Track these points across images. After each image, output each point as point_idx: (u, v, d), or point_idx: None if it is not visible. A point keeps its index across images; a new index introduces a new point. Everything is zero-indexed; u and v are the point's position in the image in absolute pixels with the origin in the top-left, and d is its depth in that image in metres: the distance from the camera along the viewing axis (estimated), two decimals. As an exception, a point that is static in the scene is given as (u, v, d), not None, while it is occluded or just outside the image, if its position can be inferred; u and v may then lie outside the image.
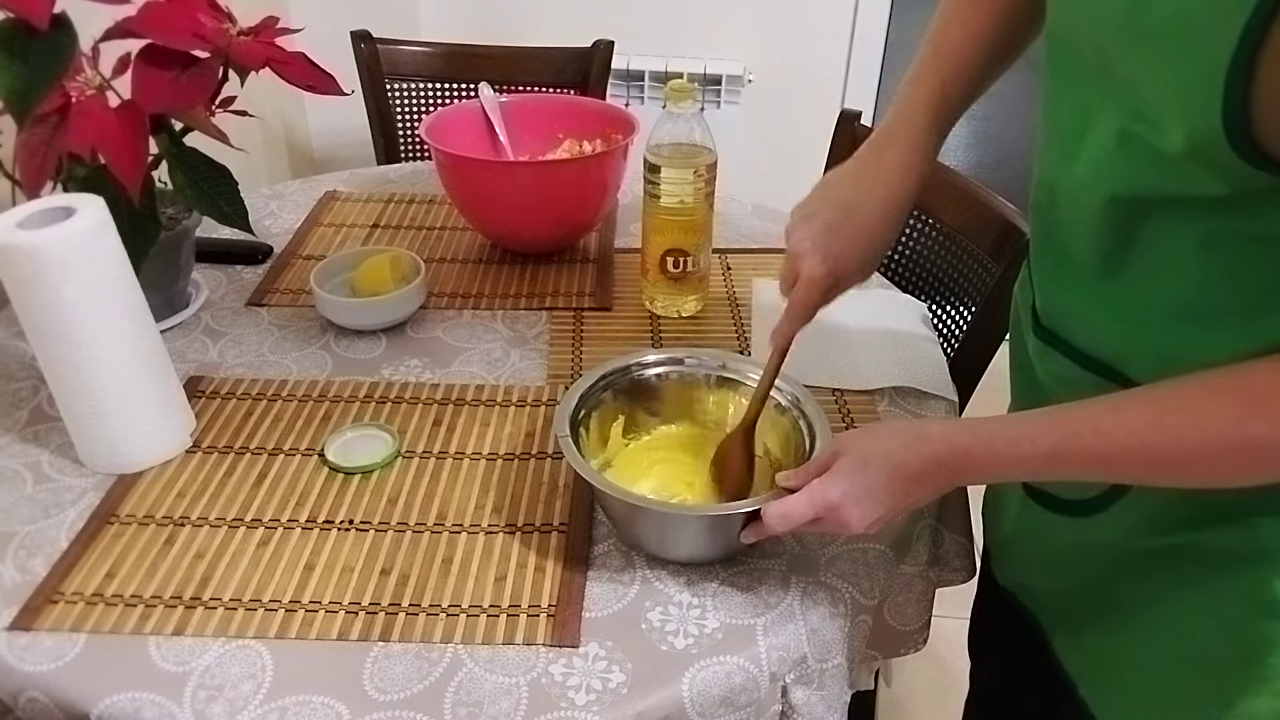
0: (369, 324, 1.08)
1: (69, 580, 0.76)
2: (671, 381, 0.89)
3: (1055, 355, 0.74)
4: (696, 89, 1.01)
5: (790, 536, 0.80)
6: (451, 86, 1.76)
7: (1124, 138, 0.60)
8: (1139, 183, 0.60)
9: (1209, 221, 0.59)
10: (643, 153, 1.04)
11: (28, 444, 0.90)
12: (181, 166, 0.97)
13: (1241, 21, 0.48)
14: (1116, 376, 0.68)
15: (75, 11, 0.86)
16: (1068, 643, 0.83)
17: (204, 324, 1.09)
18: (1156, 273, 0.63)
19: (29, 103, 0.83)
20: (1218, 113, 0.51)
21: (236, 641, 0.71)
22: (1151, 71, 0.56)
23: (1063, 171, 0.68)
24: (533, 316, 1.12)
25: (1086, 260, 0.68)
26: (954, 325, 1.27)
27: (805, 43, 2.20)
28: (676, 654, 0.71)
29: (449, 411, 0.96)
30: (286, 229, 1.30)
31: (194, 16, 0.93)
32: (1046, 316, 0.75)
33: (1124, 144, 0.60)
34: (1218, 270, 0.60)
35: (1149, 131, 0.57)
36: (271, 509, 0.83)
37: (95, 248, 0.79)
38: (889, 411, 0.97)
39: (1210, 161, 0.54)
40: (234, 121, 1.00)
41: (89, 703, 0.67)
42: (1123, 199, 0.62)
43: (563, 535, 0.81)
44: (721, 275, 1.20)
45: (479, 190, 1.18)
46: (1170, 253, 0.62)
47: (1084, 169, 0.65)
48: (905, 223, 0.82)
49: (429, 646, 0.71)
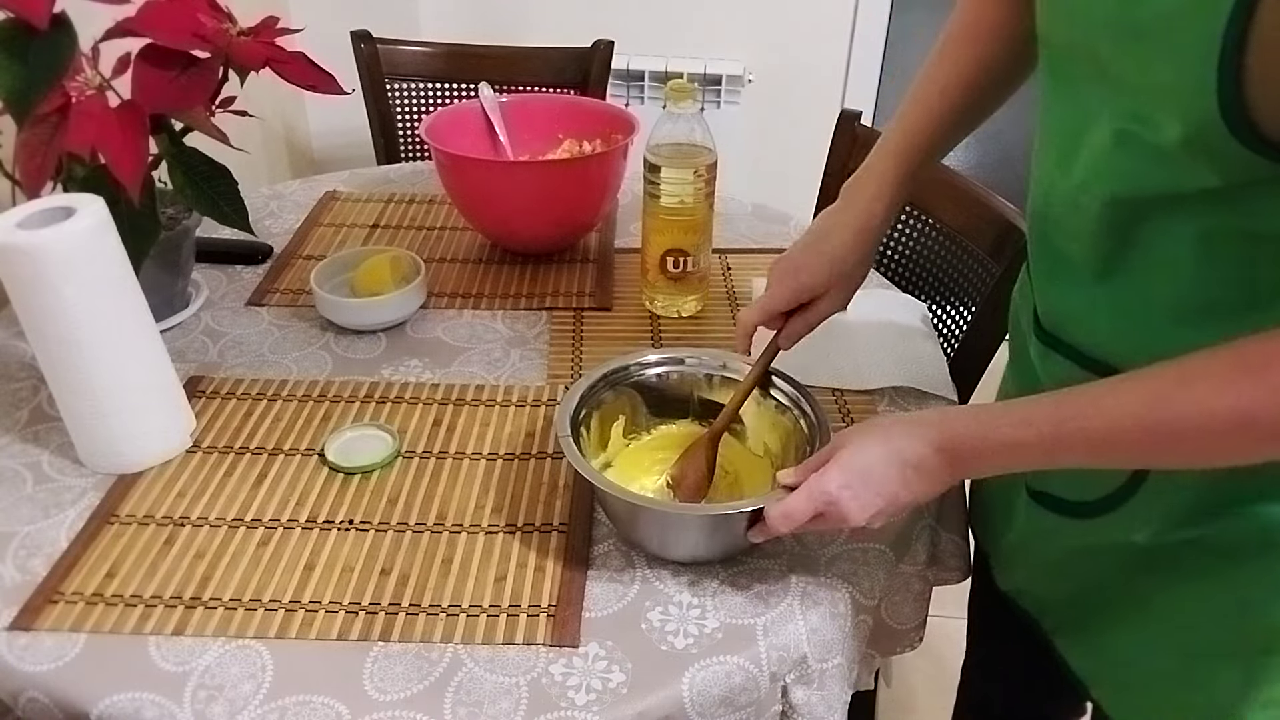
0: (369, 324, 1.08)
1: (69, 580, 0.76)
2: (671, 381, 0.89)
3: (1057, 358, 0.74)
4: (696, 89, 1.01)
5: (792, 536, 0.80)
6: (451, 86, 1.76)
7: (1121, 138, 0.60)
8: (1137, 182, 0.61)
9: (1208, 220, 0.59)
10: (643, 153, 1.04)
11: (28, 444, 0.90)
12: (181, 166, 0.97)
13: (1229, 3, 0.49)
14: None
15: (75, 11, 0.86)
16: (1075, 645, 0.83)
17: (204, 324, 1.09)
18: (1156, 273, 0.63)
19: (29, 103, 0.83)
20: (1214, 97, 0.51)
21: (236, 641, 0.71)
22: (1145, 66, 0.56)
23: (1061, 176, 0.68)
24: (533, 316, 1.12)
25: (1086, 263, 0.68)
26: (954, 325, 1.27)
27: (805, 43, 2.20)
28: (676, 654, 0.71)
29: (449, 411, 0.96)
30: (286, 229, 1.30)
31: (194, 16, 0.93)
32: (1048, 320, 0.75)
33: (1121, 144, 0.60)
34: (1217, 269, 0.60)
35: (1145, 128, 0.58)
36: (271, 509, 0.83)
37: (95, 248, 0.79)
38: (889, 411, 0.97)
39: (1209, 151, 0.54)
40: (234, 121, 1.00)
41: (89, 703, 0.67)
42: (1121, 200, 0.62)
43: (563, 535, 0.81)
44: (721, 275, 1.20)
45: (479, 190, 1.18)
46: (1170, 253, 0.62)
47: (1082, 172, 0.65)
48: (874, 254, 0.86)
49: (429, 646, 0.71)
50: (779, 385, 0.85)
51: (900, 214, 0.86)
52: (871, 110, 2.26)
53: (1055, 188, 0.69)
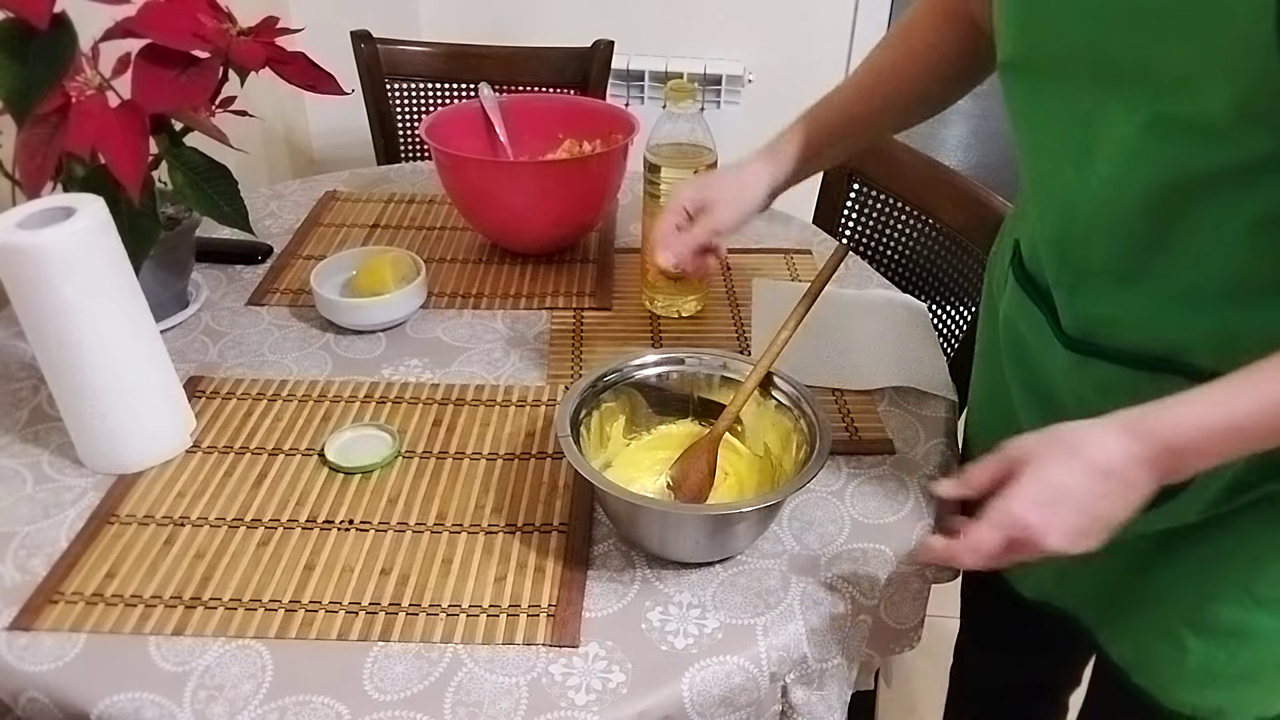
0: (369, 324, 1.08)
1: (69, 580, 0.76)
2: (671, 381, 0.89)
3: (1097, 365, 0.72)
4: (696, 89, 1.01)
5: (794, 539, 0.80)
6: (451, 86, 1.76)
7: (1155, 123, 0.59)
8: (1180, 165, 0.60)
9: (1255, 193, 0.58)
10: (643, 153, 1.04)
11: (28, 444, 0.90)
12: (181, 166, 0.97)
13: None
14: (1177, 368, 0.67)
15: (75, 11, 0.86)
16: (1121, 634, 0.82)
17: (204, 324, 1.09)
18: (1204, 254, 0.63)
19: (29, 103, 0.83)
20: (1274, 49, 0.51)
21: (236, 641, 0.71)
22: (1178, 44, 0.56)
23: (1079, 183, 0.67)
24: (533, 316, 1.12)
25: (1119, 262, 0.67)
26: (954, 325, 1.27)
27: (805, 43, 2.20)
28: (676, 654, 0.71)
29: (449, 411, 0.96)
30: (286, 229, 1.30)
31: (194, 16, 0.93)
32: (1079, 330, 0.73)
33: (1155, 130, 0.60)
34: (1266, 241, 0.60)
35: (1184, 106, 0.57)
36: (271, 509, 0.83)
37: (95, 248, 0.79)
38: (889, 411, 0.97)
39: (1267, 110, 0.54)
40: (234, 121, 1.00)
41: (89, 703, 0.67)
42: (1162, 185, 0.61)
43: (563, 535, 0.81)
44: (721, 275, 1.20)
45: (479, 190, 1.18)
46: (1218, 233, 0.61)
47: (1107, 169, 0.64)
48: (769, 198, 0.91)
49: (429, 646, 0.71)
50: (779, 385, 0.85)
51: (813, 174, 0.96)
52: (871, 110, 2.26)
53: (1074, 198, 0.68)
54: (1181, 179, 0.60)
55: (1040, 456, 0.62)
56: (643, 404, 0.89)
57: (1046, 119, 0.69)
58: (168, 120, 0.96)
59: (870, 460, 0.90)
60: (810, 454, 0.78)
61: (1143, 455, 0.60)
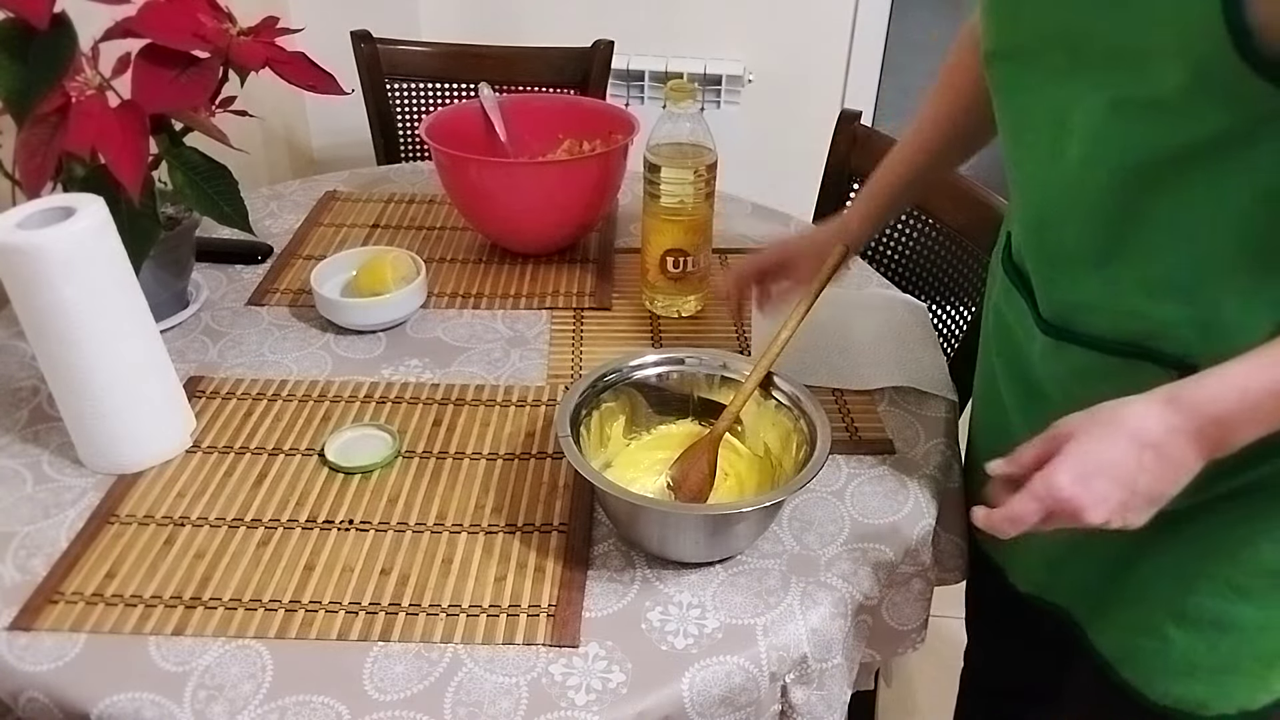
0: (369, 324, 1.08)
1: (69, 580, 0.76)
2: (671, 381, 0.89)
3: (1072, 351, 0.73)
4: (696, 89, 1.01)
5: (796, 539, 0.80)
6: (451, 86, 1.76)
7: (1116, 105, 0.61)
8: (1144, 145, 0.61)
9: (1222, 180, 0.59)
10: (643, 153, 1.04)
11: (28, 444, 0.90)
12: (181, 166, 0.97)
13: None
14: (1150, 355, 0.68)
15: (75, 11, 0.86)
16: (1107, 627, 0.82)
17: (204, 324, 1.09)
18: (1174, 241, 0.64)
19: (29, 103, 0.83)
20: (1220, 24, 0.53)
21: (236, 641, 0.71)
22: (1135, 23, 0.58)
23: (1053, 168, 0.68)
24: (533, 316, 1.12)
25: (1093, 247, 0.68)
26: (954, 325, 1.27)
27: (805, 43, 2.20)
28: (676, 654, 0.71)
29: (449, 411, 0.96)
30: (286, 229, 1.30)
31: (194, 16, 0.93)
32: (1057, 316, 0.75)
33: (1118, 111, 0.61)
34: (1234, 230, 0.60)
35: (1142, 87, 0.59)
36: (271, 509, 0.83)
37: (95, 248, 0.79)
38: (889, 411, 0.97)
39: (1218, 87, 0.55)
40: (234, 121, 1.01)
41: (89, 703, 0.67)
42: (1130, 167, 0.63)
43: (563, 535, 0.81)
44: (722, 275, 1.20)
45: (479, 190, 1.18)
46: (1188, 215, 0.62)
47: (1080, 149, 0.65)
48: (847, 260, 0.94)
49: (429, 646, 0.71)
50: (779, 385, 0.85)
51: (883, 227, 1.01)
52: (871, 110, 2.26)
53: (1047, 183, 0.70)
54: (1148, 161, 0.61)
55: (1082, 431, 0.62)
56: (643, 404, 0.89)
57: (1026, 106, 0.70)
58: (168, 120, 0.96)
59: (870, 460, 0.90)
60: (810, 454, 0.78)
61: (1184, 427, 0.59)
